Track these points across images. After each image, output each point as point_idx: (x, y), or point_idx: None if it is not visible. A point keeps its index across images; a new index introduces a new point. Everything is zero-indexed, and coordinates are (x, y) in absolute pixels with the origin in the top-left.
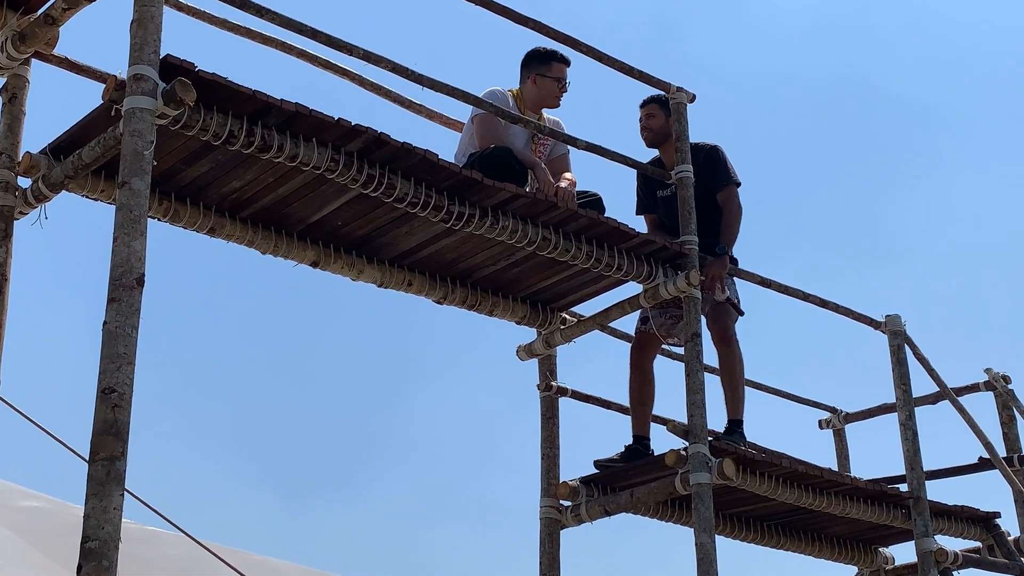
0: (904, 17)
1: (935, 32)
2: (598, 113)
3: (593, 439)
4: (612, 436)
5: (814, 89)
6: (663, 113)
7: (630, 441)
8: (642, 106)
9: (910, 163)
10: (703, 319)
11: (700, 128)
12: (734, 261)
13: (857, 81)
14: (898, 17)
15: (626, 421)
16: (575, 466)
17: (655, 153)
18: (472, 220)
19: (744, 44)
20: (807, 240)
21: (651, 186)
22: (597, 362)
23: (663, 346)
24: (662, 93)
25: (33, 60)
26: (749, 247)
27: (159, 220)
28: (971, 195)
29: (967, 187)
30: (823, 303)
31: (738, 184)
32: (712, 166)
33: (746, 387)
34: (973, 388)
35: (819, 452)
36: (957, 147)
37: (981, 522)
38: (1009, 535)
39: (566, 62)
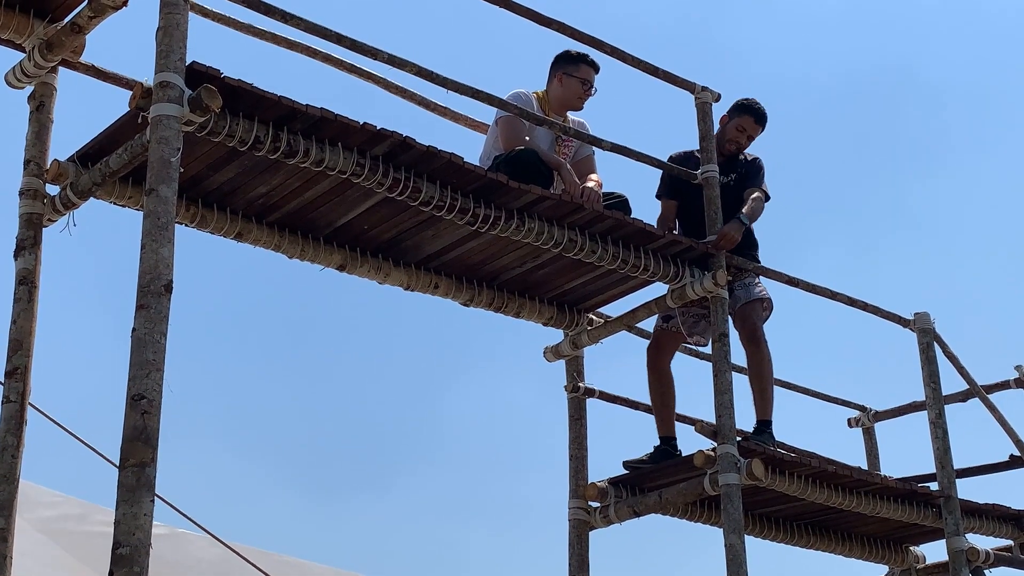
0: (940, 3)
1: (972, 19)
2: (623, 114)
3: (621, 440)
4: (640, 436)
5: (847, 79)
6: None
7: (657, 442)
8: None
9: (943, 155)
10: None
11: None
12: (756, 259)
13: (892, 71)
14: (933, 4)
15: (654, 421)
16: (603, 467)
17: (674, 151)
18: (498, 223)
19: (775, 36)
20: (840, 234)
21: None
22: (624, 362)
23: (686, 345)
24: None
25: (60, 68)
26: (782, 243)
27: (186, 226)
28: (1004, 188)
29: (999, 180)
30: (851, 301)
31: (767, 197)
32: (753, 173)
33: (775, 386)
34: (1004, 385)
35: (848, 451)
36: (990, 138)
37: (1013, 520)
38: None
39: (595, 67)
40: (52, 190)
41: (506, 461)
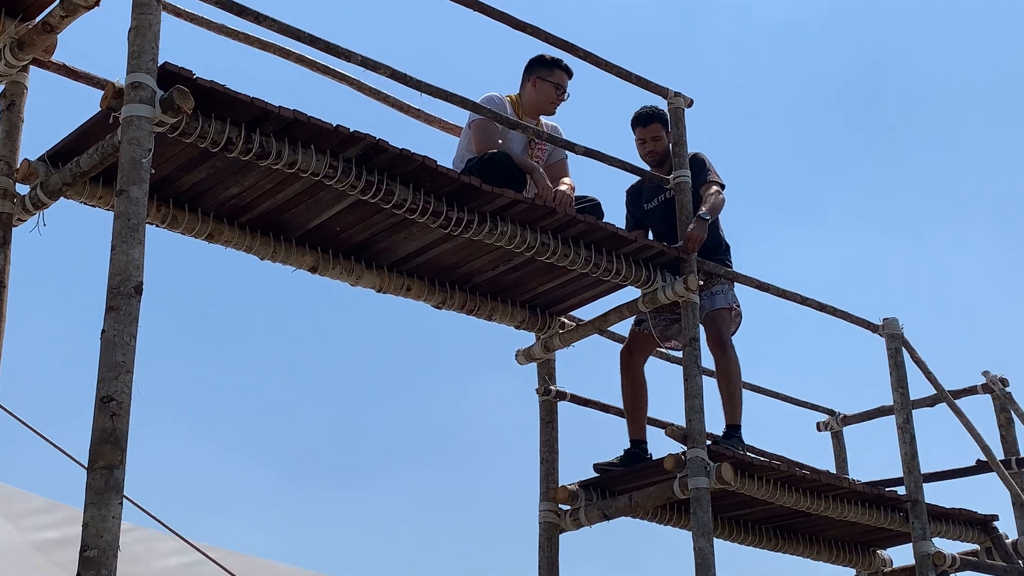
0: (915, 7)
1: (946, 22)
2: (596, 118)
3: (592, 443)
4: (611, 440)
5: (827, 81)
6: (665, 132)
7: (628, 445)
8: (644, 125)
9: (915, 159)
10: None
11: (714, 125)
12: (728, 264)
13: (866, 75)
14: (908, 7)
15: (625, 425)
16: (574, 470)
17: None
18: (471, 226)
19: (750, 40)
20: (810, 235)
21: (638, 200)
22: (596, 366)
23: (659, 349)
24: (662, 110)
25: (31, 67)
26: (753, 244)
27: (157, 226)
28: (975, 194)
29: (970, 186)
30: (820, 306)
31: (722, 185)
32: (697, 170)
33: (744, 390)
34: (971, 391)
35: (817, 454)
36: (962, 143)
37: (979, 525)
38: (1007, 538)
39: (568, 72)
40: (22, 190)
41: (477, 463)
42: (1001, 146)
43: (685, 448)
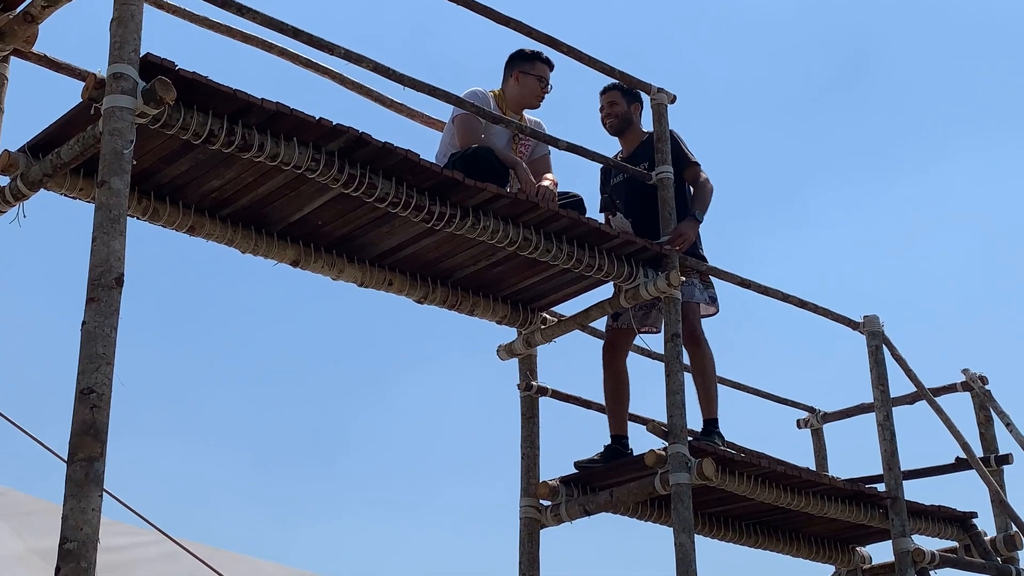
0: (897, 2)
1: (935, 11)
2: (579, 114)
3: (573, 438)
4: (592, 435)
5: (811, 76)
6: (625, 100)
7: (609, 441)
8: (603, 93)
9: (896, 157)
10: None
11: (697, 121)
12: (703, 259)
13: (848, 72)
14: (890, 2)
15: (606, 420)
16: (555, 465)
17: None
18: (453, 220)
19: (730, 39)
20: (791, 233)
21: (607, 177)
22: (577, 361)
23: (638, 337)
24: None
25: (12, 57)
26: (733, 241)
27: (138, 219)
28: (955, 192)
29: (950, 184)
30: (802, 303)
31: (698, 164)
32: (675, 151)
33: (725, 387)
34: (950, 388)
35: (797, 452)
36: (943, 142)
37: (958, 522)
38: (985, 535)
39: (550, 64)
40: (2, 180)
41: (458, 458)
42: (985, 143)
43: (666, 444)
